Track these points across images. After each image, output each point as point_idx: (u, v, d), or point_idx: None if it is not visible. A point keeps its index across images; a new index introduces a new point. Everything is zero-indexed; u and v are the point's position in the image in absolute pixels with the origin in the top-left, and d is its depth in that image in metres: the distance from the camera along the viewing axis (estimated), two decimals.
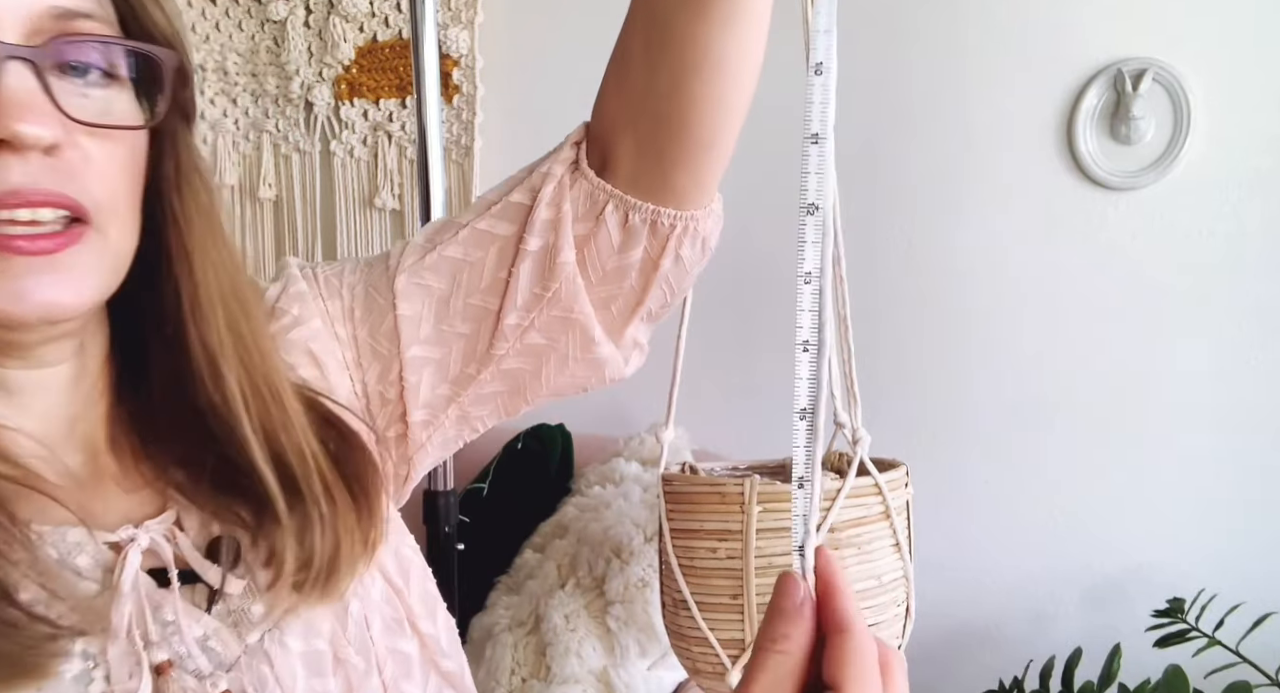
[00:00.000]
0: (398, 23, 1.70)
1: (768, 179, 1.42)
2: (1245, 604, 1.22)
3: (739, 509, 0.59)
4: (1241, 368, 1.33)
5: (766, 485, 0.59)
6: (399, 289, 0.62)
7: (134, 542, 0.51)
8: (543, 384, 0.66)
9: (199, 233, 0.53)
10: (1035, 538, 1.42)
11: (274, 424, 0.54)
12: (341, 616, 0.56)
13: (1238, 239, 1.32)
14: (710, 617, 0.60)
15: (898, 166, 1.44)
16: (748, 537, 0.58)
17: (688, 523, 0.61)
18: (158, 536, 0.52)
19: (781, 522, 0.58)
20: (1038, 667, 1.27)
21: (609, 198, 0.60)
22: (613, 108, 0.60)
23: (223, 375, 0.53)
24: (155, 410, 0.56)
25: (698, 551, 0.60)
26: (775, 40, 0.97)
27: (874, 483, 0.61)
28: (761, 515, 0.58)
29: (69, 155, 0.45)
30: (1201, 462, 1.35)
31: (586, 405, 1.63)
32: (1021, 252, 1.41)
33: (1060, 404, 1.40)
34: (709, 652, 0.60)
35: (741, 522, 0.59)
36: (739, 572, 0.59)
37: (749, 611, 0.59)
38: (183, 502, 0.55)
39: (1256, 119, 1.30)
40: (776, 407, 1.51)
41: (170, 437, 0.56)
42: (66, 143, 0.45)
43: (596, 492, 1.26)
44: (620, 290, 0.63)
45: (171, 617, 0.51)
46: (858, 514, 0.60)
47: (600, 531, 1.16)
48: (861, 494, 0.61)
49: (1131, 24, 1.33)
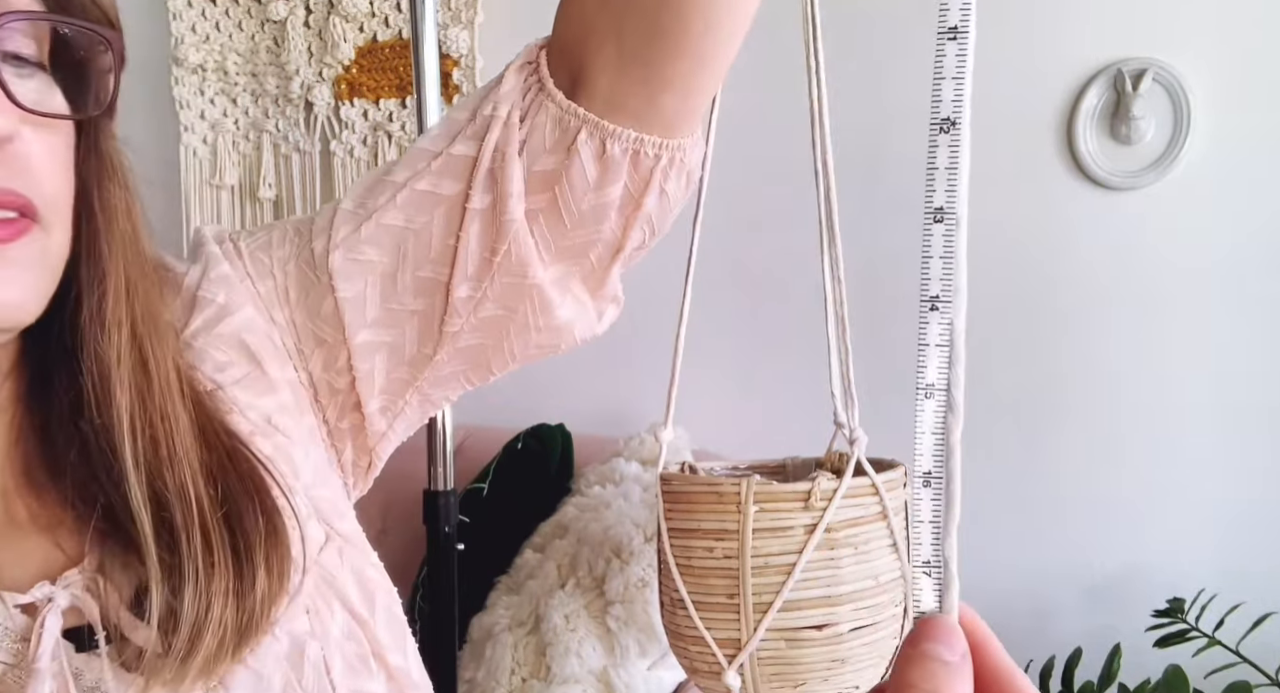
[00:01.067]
0: (398, 23, 1.70)
1: (773, 178, 1.42)
2: (1245, 604, 1.22)
3: (735, 509, 0.59)
4: (1242, 368, 1.33)
5: (763, 485, 0.59)
6: (335, 267, 0.54)
7: (52, 602, 0.43)
8: (507, 356, 0.59)
9: (118, 234, 0.47)
10: (1035, 538, 1.42)
11: (160, 461, 0.47)
12: (296, 661, 0.49)
13: (1238, 239, 1.32)
14: (707, 616, 0.60)
15: (897, 166, 1.44)
16: (744, 537, 0.58)
17: (685, 522, 0.61)
18: (78, 590, 0.45)
19: (779, 522, 0.58)
20: (1038, 667, 1.27)
21: (582, 124, 0.50)
22: (590, 10, 0.50)
23: (113, 397, 0.46)
24: (59, 442, 0.48)
25: (695, 550, 0.60)
26: (775, 40, 0.97)
27: (871, 483, 0.61)
28: (758, 516, 0.58)
29: (18, 148, 0.41)
30: (1201, 462, 1.35)
31: (586, 405, 1.64)
32: (1021, 251, 1.40)
33: (1059, 404, 1.40)
34: (705, 651, 0.60)
35: (738, 522, 0.59)
36: (735, 572, 0.58)
37: (745, 610, 0.59)
38: (103, 544, 0.47)
39: (1256, 119, 1.30)
40: (777, 407, 1.51)
41: (68, 469, 0.48)
42: (15, 135, 0.41)
43: (596, 492, 1.26)
44: (599, 235, 0.54)
45: (97, 686, 0.44)
46: (855, 514, 0.60)
47: (600, 531, 1.16)
48: (859, 494, 0.61)
49: (1131, 24, 1.33)
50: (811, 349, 0.92)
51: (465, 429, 1.50)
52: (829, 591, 0.58)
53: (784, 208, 1.42)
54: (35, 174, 0.42)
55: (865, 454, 0.71)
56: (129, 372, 0.47)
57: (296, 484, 0.53)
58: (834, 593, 0.58)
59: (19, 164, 0.41)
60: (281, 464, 0.53)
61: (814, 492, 0.59)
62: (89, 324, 0.46)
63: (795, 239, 1.21)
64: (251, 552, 0.48)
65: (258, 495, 0.50)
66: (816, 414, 1.02)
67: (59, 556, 0.47)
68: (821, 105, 0.69)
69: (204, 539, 0.46)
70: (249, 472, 0.50)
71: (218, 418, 0.51)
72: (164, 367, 0.48)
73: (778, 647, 0.58)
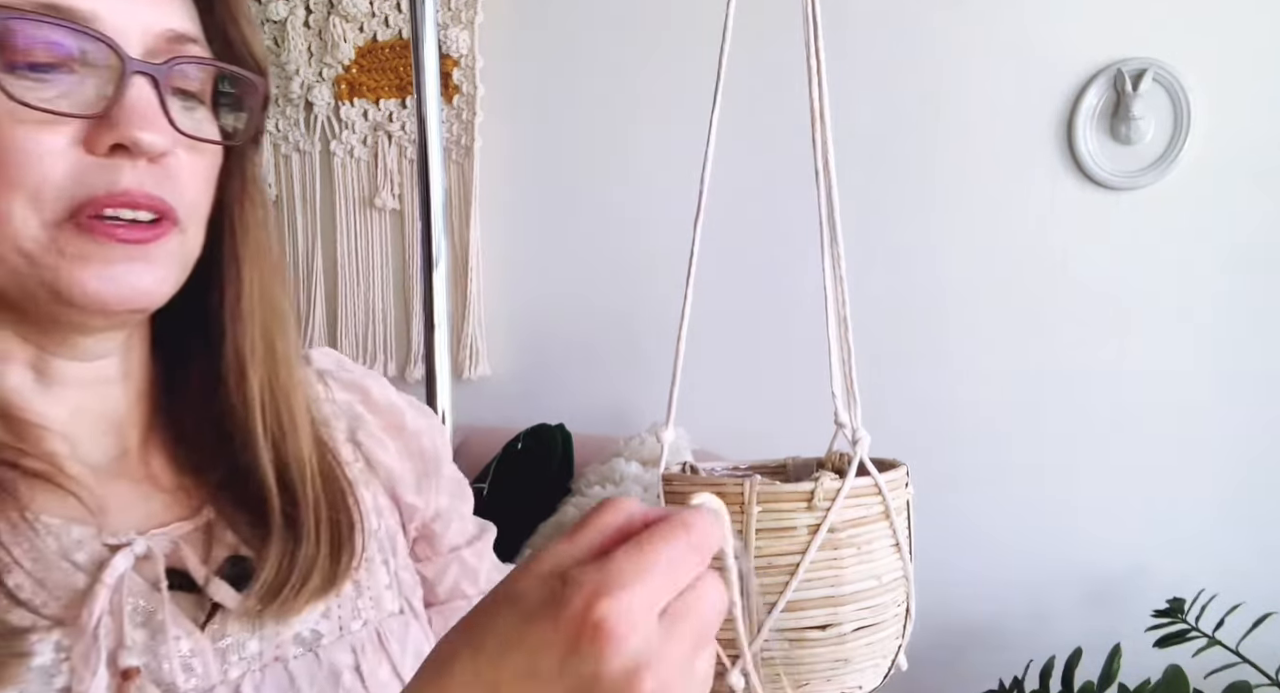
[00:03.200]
0: (398, 23, 1.70)
1: (768, 184, 1.42)
2: (1245, 604, 1.22)
3: (739, 509, 0.59)
4: (1241, 368, 1.33)
5: (766, 486, 0.59)
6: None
7: (130, 545, 0.51)
8: None
9: (252, 244, 0.56)
10: (1035, 538, 1.42)
11: (283, 433, 0.56)
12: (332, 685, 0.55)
13: (1238, 239, 1.32)
14: None
15: (898, 166, 1.44)
16: (747, 537, 0.58)
17: None
18: (161, 542, 0.52)
19: (782, 522, 0.58)
20: (1038, 667, 1.27)
21: None
22: None
23: (248, 378, 0.55)
24: (186, 414, 0.57)
25: None
26: (775, 40, 0.97)
27: (873, 483, 0.61)
28: (761, 516, 0.58)
29: (170, 163, 0.50)
30: (1201, 462, 1.35)
31: (586, 406, 1.64)
32: (1021, 251, 1.41)
33: (1059, 403, 1.40)
34: None
35: (741, 522, 0.59)
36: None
37: (749, 612, 0.59)
38: (215, 512, 0.55)
39: (1256, 119, 1.30)
40: (778, 407, 1.51)
41: (198, 441, 0.56)
42: (170, 153, 0.49)
43: (596, 492, 1.27)
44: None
45: (161, 625, 0.51)
46: (857, 514, 0.60)
47: None
48: (861, 494, 0.61)
49: (1131, 24, 1.33)
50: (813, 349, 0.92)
51: (465, 429, 1.50)
52: (832, 591, 0.58)
53: (784, 211, 1.42)
54: (180, 185, 0.50)
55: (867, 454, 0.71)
56: (260, 356, 0.56)
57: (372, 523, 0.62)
58: (837, 593, 0.58)
59: (169, 176, 0.50)
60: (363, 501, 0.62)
61: (817, 492, 0.59)
62: (229, 318, 0.55)
63: (796, 239, 1.21)
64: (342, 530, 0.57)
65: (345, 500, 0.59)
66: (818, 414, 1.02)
67: (165, 512, 0.55)
68: (823, 105, 0.69)
69: (314, 506, 0.55)
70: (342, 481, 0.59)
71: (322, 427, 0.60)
72: (289, 357, 0.57)
73: (781, 647, 0.58)
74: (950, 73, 1.41)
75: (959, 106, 1.41)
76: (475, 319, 1.68)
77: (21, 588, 0.48)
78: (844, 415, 0.77)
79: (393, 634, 0.60)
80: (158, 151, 0.48)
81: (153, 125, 0.47)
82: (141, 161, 0.48)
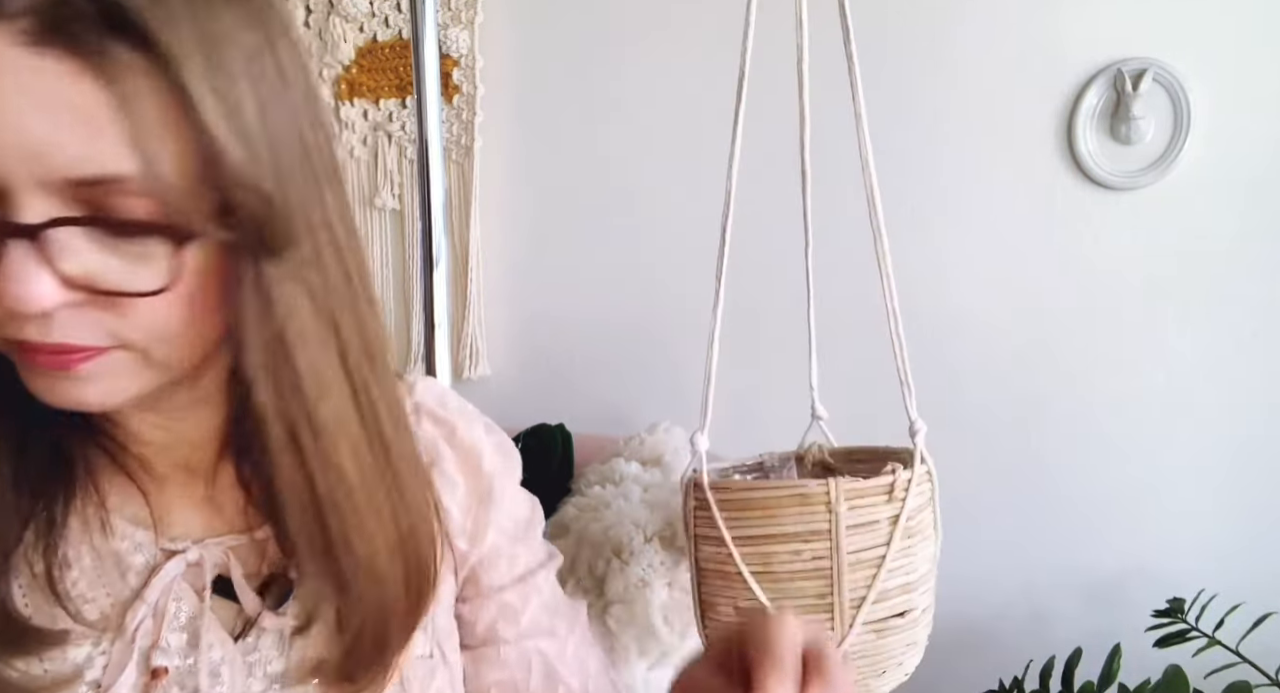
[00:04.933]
0: (398, 23, 1.70)
1: (768, 184, 1.42)
2: (1245, 604, 1.22)
3: (825, 509, 0.59)
4: (1241, 368, 1.33)
5: (850, 483, 0.60)
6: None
7: (184, 552, 0.54)
8: None
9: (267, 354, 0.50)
10: (1035, 538, 1.42)
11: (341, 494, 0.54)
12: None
13: (1238, 239, 1.32)
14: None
15: (898, 166, 1.44)
16: (837, 536, 0.59)
17: (761, 528, 0.61)
18: (213, 552, 0.55)
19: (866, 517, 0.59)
20: (1038, 667, 1.27)
21: None
22: None
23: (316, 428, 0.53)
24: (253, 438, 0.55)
25: (778, 555, 0.60)
26: (771, 53, 0.97)
27: (927, 471, 0.62)
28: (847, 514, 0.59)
29: (86, 305, 0.45)
30: (1201, 462, 1.35)
31: (586, 405, 1.64)
32: (1021, 251, 1.40)
33: (1059, 404, 1.40)
34: None
35: (829, 521, 0.59)
36: (828, 571, 0.59)
37: (840, 608, 0.60)
38: (270, 531, 0.57)
39: (1256, 119, 1.30)
40: (778, 407, 1.51)
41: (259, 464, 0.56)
42: (77, 300, 0.45)
43: (596, 492, 1.26)
44: None
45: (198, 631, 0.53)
46: (920, 502, 0.61)
47: (600, 531, 1.16)
48: (920, 482, 0.62)
49: (1131, 24, 1.33)
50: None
51: None
52: (908, 577, 0.59)
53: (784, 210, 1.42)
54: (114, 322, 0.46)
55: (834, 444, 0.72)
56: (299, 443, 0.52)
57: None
58: (911, 579, 0.60)
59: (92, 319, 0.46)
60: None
61: (896, 483, 0.60)
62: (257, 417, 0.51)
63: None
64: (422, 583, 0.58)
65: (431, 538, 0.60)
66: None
67: (223, 525, 0.57)
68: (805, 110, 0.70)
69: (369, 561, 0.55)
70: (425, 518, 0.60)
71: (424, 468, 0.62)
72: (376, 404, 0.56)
73: (868, 639, 0.59)
74: (950, 73, 1.41)
75: (958, 106, 1.41)
76: (475, 319, 1.68)
77: (76, 584, 0.52)
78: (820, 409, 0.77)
79: (416, 677, 0.61)
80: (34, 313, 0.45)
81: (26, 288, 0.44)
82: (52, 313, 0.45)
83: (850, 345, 1.30)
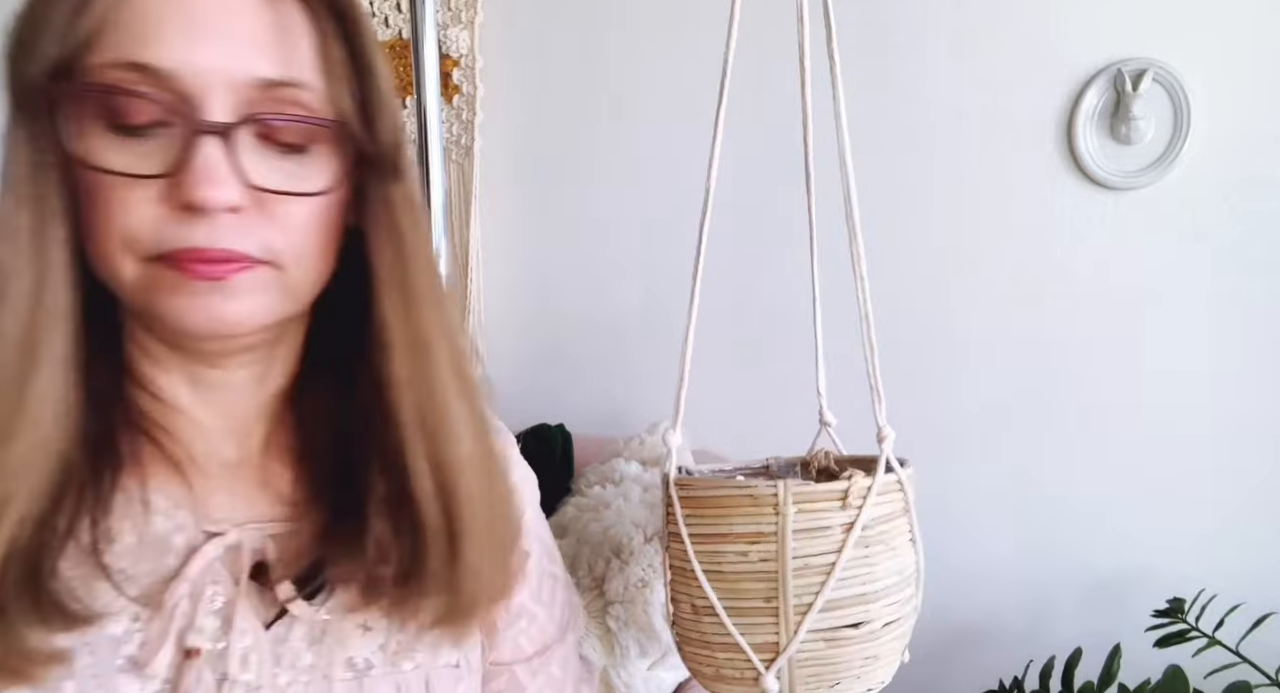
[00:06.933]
0: (398, 23, 1.70)
1: (767, 185, 1.42)
2: (1245, 604, 1.22)
3: (773, 511, 0.59)
4: (1241, 368, 1.33)
5: (800, 486, 0.59)
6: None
7: (223, 535, 0.55)
8: None
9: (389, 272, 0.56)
10: (1034, 538, 1.42)
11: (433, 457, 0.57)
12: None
13: (1237, 239, 1.32)
14: (741, 622, 0.59)
15: (897, 166, 1.44)
16: (783, 539, 0.58)
17: (713, 527, 0.61)
18: (253, 536, 0.56)
19: (817, 522, 0.58)
20: (1038, 667, 1.27)
21: None
22: None
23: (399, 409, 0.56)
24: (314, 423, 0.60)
25: (726, 555, 0.60)
26: (770, 48, 0.97)
27: (897, 479, 0.61)
28: (796, 517, 0.58)
29: (249, 213, 0.51)
30: (1201, 462, 1.35)
31: (586, 405, 1.64)
32: (1021, 251, 1.40)
33: (1058, 403, 1.40)
34: (738, 657, 0.59)
35: (776, 524, 0.58)
36: (773, 574, 0.58)
37: (785, 613, 0.59)
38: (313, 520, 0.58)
39: (1256, 119, 1.30)
40: (777, 407, 1.51)
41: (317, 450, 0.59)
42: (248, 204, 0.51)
43: (596, 492, 1.26)
44: None
45: (232, 615, 0.54)
46: (886, 511, 0.59)
47: (600, 531, 1.16)
48: (887, 491, 0.60)
49: (1131, 24, 1.33)
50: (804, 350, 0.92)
51: None
52: (865, 588, 0.58)
53: (784, 211, 1.42)
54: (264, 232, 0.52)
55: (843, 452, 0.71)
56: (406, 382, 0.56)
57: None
58: (870, 590, 0.58)
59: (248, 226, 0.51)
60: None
61: (851, 490, 0.58)
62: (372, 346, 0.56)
63: (792, 241, 1.21)
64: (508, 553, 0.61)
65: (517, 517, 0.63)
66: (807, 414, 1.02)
67: (265, 510, 0.58)
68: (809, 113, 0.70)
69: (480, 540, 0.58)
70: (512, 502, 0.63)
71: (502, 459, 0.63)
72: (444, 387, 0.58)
73: (816, 648, 0.58)
74: (949, 73, 1.41)
75: (958, 106, 1.41)
76: (475, 319, 1.68)
77: (120, 559, 0.53)
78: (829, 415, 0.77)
79: (440, 685, 0.61)
80: (221, 208, 0.50)
81: (217, 184, 0.49)
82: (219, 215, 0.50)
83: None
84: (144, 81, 0.48)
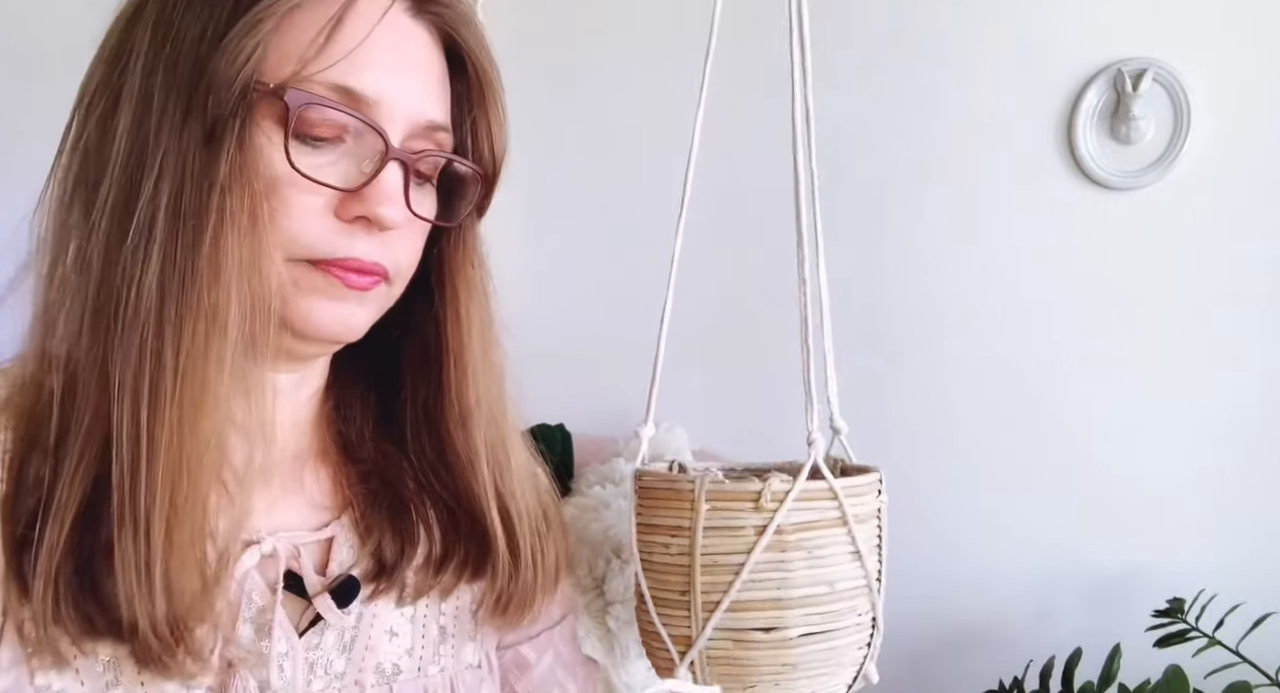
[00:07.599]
0: None
1: (763, 181, 1.42)
2: (1245, 604, 1.22)
3: (689, 506, 0.59)
4: (1241, 368, 1.33)
5: (716, 484, 0.59)
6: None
7: (259, 544, 0.57)
8: None
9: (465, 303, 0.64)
10: (1034, 538, 1.42)
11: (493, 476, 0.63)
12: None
13: (1238, 239, 1.32)
14: (663, 612, 0.60)
15: (896, 166, 1.44)
16: (695, 534, 0.58)
17: (649, 518, 0.61)
18: (286, 545, 0.58)
19: (730, 521, 0.58)
20: (1038, 667, 1.27)
21: None
22: None
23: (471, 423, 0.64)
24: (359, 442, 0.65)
25: (654, 546, 0.60)
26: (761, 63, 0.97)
27: (829, 487, 0.60)
28: (710, 514, 0.58)
29: (394, 233, 0.57)
30: (1202, 461, 1.35)
31: (586, 405, 1.63)
32: (1021, 251, 1.40)
33: (1058, 404, 1.40)
34: (662, 646, 0.60)
35: (691, 519, 0.59)
36: (687, 568, 0.58)
37: (694, 608, 0.59)
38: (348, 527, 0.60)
39: (1256, 119, 1.30)
40: (778, 407, 1.51)
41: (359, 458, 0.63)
42: (399, 227, 0.57)
43: (596, 492, 1.26)
44: None
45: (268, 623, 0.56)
46: (809, 518, 0.58)
47: (600, 531, 1.16)
48: (815, 498, 0.59)
49: (1131, 24, 1.33)
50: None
51: None
52: (779, 593, 0.57)
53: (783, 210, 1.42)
54: (398, 251, 0.58)
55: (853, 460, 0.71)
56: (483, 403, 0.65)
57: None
58: (784, 597, 0.57)
59: (392, 244, 0.57)
60: None
61: (765, 493, 0.58)
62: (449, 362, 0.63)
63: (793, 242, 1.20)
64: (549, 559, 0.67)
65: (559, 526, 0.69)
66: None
67: (300, 518, 0.60)
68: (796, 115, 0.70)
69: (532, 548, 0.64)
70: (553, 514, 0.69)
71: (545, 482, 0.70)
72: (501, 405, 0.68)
73: (726, 647, 0.58)
74: (949, 73, 1.41)
75: (958, 106, 1.41)
76: None
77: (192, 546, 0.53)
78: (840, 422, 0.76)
79: (465, 687, 0.63)
80: (393, 227, 0.55)
81: (395, 205, 0.55)
82: (383, 232, 0.56)
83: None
84: (347, 103, 0.53)
